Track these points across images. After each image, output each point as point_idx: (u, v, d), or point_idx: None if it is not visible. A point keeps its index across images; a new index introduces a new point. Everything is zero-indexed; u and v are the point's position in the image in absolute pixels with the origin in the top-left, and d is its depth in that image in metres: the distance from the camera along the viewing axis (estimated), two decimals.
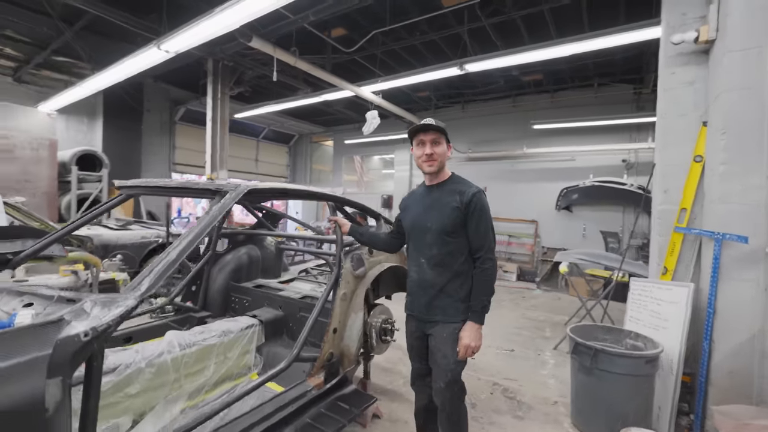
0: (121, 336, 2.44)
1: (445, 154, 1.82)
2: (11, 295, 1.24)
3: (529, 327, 4.86)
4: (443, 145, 1.80)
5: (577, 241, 8.11)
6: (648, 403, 2.34)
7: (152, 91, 9.08)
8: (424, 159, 1.79)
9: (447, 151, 1.83)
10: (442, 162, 1.82)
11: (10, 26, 5.77)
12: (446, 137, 1.81)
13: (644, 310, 2.75)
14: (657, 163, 2.91)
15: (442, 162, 1.82)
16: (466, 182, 1.86)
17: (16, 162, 5.98)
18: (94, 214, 2.25)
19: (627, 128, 7.61)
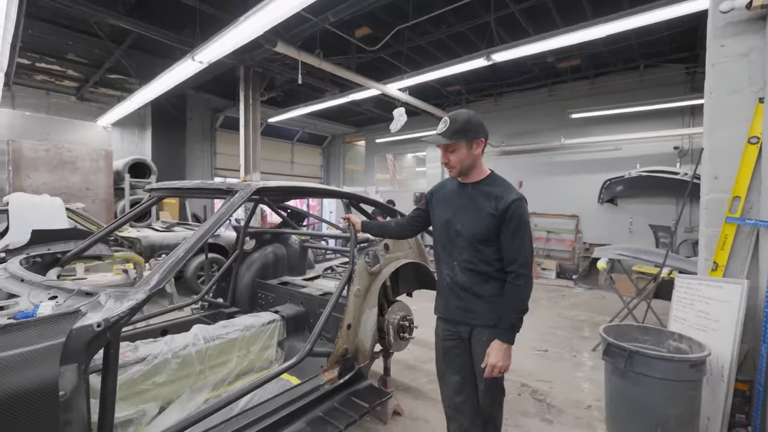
0: (158, 329, 2.62)
1: (465, 159, 1.62)
2: (40, 289, 1.38)
3: (566, 327, 4.60)
4: (460, 150, 1.61)
5: (624, 236, 7.56)
6: (693, 411, 2.12)
7: (194, 101, 9.70)
8: (445, 165, 1.70)
9: (471, 152, 1.62)
10: (464, 167, 1.64)
11: (70, 50, 6.42)
12: (468, 137, 1.60)
13: (691, 309, 2.49)
14: (705, 148, 2.62)
15: (464, 167, 1.64)
16: (505, 185, 1.65)
17: (78, 172, 6.64)
18: (129, 216, 2.44)
19: (679, 112, 6.96)
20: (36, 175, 6.19)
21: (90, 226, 4.72)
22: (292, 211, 3.48)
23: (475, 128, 1.62)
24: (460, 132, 1.60)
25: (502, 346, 1.55)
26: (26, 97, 7.64)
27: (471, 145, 1.62)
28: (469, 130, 1.60)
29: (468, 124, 1.61)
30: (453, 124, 1.61)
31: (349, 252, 2.18)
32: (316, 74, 6.98)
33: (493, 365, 1.55)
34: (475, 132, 1.61)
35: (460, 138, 1.60)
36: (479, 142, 1.63)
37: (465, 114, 1.64)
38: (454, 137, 1.60)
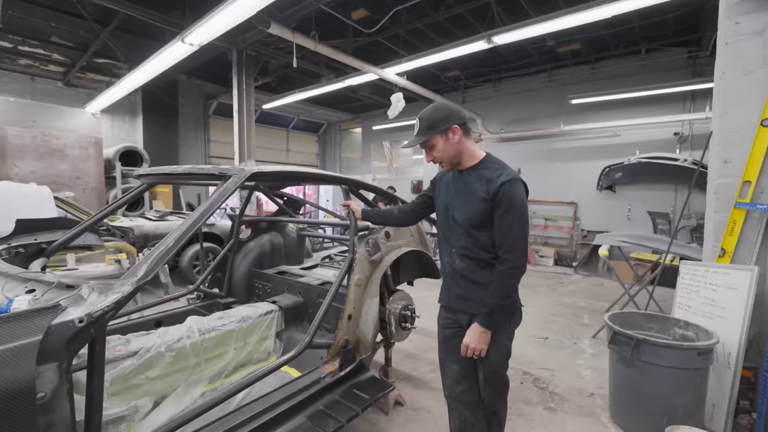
0: (152, 320, 2.54)
1: (447, 150, 1.59)
2: (16, 281, 1.28)
3: (566, 314, 4.59)
4: (437, 144, 1.59)
5: (621, 222, 7.54)
6: (699, 400, 2.09)
7: (186, 86, 9.43)
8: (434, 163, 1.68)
9: (450, 141, 1.57)
10: (450, 158, 1.61)
11: (53, 32, 6.15)
12: (439, 129, 1.55)
13: (696, 296, 2.45)
14: (714, 131, 2.54)
15: (450, 158, 1.61)
16: (498, 166, 1.58)
17: (66, 160, 6.45)
18: (117, 204, 2.33)
19: (680, 97, 6.86)
20: (23, 163, 6.00)
21: (80, 215, 4.59)
22: (288, 198, 3.38)
23: (444, 118, 1.58)
24: (430, 127, 1.58)
25: (478, 328, 1.51)
26: (10, 83, 7.37)
27: (446, 135, 1.58)
28: (437, 121, 1.58)
29: (434, 116, 1.59)
30: (422, 121, 1.60)
31: (348, 240, 2.10)
32: (311, 58, 6.77)
33: (466, 345, 1.53)
34: (445, 121, 1.57)
35: (432, 132, 1.58)
36: (453, 129, 1.58)
37: (430, 108, 1.63)
38: (427, 133, 1.59)
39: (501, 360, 1.63)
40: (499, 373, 1.65)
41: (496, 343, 1.56)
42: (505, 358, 1.65)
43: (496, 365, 1.62)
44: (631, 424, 2.23)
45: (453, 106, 1.64)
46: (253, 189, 2.89)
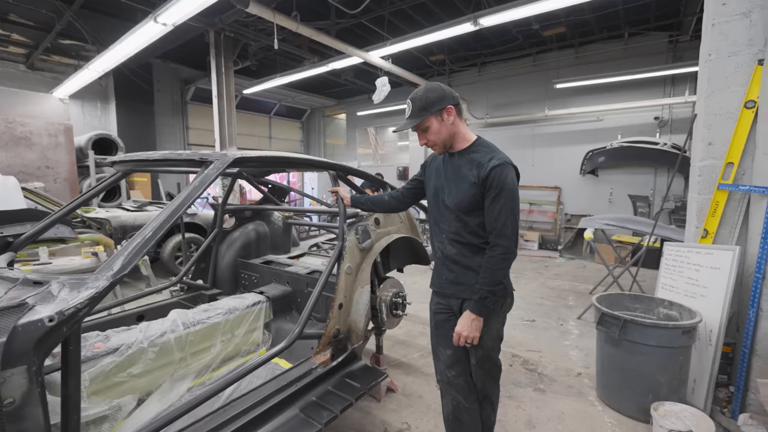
0: (133, 314, 2.44)
1: (441, 131, 1.54)
2: None
3: (552, 296, 4.68)
4: (432, 125, 1.54)
5: (603, 206, 7.70)
6: (683, 376, 2.16)
7: (161, 70, 9.00)
8: (426, 146, 1.61)
9: (444, 122, 1.53)
10: (444, 140, 1.57)
11: (12, 9, 5.71)
12: (434, 109, 1.50)
13: (680, 276, 2.51)
14: (699, 113, 2.57)
15: (444, 140, 1.57)
16: (489, 150, 1.55)
17: (34, 148, 6.09)
18: (90, 194, 2.19)
19: (661, 82, 6.96)
20: None
21: (51, 206, 4.36)
22: (273, 186, 3.28)
23: (438, 98, 1.52)
24: (424, 108, 1.52)
25: (470, 316, 1.49)
26: None
27: (441, 115, 1.54)
28: (432, 101, 1.52)
29: (428, 96, 1.52)
30: (415, 102, 1.54)
31: (337, 228, 2.03)
32: (293, 41, 6.53)
33: (459, 333, 1.51)
34: (439, 101, 1.52)
35: (427, 113, 1.52)
36: (449, 110, 1.54)
37: (422, 89, 1.56)
38: (421, 114, 1.53)
39: (493, 345, 1.63)
40: (491, 357, 1.65)
41: (488, 327, 1.55)
42: (496, 343, 1.65)
43: (488, 350, 1.61)
44: (618, 402, 2.30)
45: (446, 87, 1.56)
46: (236, 176, 2.77)
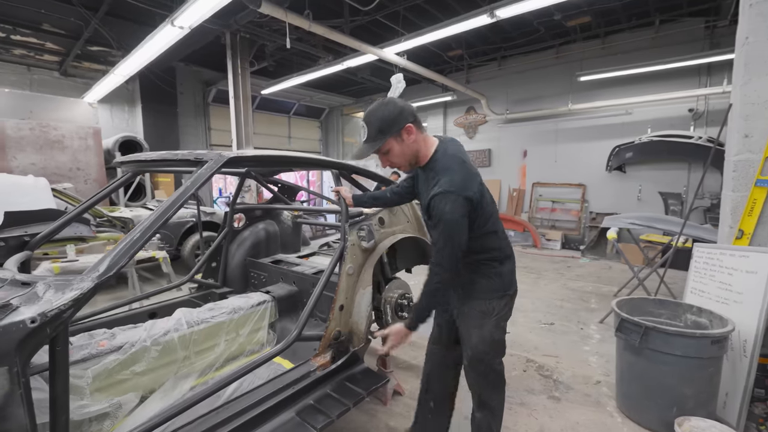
0: (146, 312, 2.50)
1: (405, 152, 1.49)
2: None
3: (573, 299, 4.48)
4: (393, 148, 1.47)
5: (631, 204, 7.33)
6: (712, 389, 1.99)
7: (183, 73, 9.27)
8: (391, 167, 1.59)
9: (405, 142, 1.46)
10: (409, 160, 1.52)
11: (44, 19, 6.01)
12: (392, 131, 1.43)
13: (711, 281, 2.32)
14: (734, 103, 2.36)
15: (409, 160, 1.52)
16: (441, 169, 1.46)
17: (66, 151, 6.41)
18: (103, 194, 2.24)
19: (695, 71, 6.53)
20: (22, 155, 5.97)
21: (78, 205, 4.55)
22: (283, 185, 3.28)
23: (395, 118, 1.43)
24: (381, 131, 1.45)
25: (401, 327, 1.56)
26: (7, 74, 7.28)
27: (400, 136, 1.46)
28: (389, 123, 1.44)
29: (384, 117, 1.44)
30: (371, 125, 1.46)
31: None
32: (308, 40, 6.56)
33: (385, 335, 1.60)
34: (397, 121, 1.44)
35: (385, 136, 1.44)
36: (408, 128, 1.45)
37: (376, 110, 1.47)
38: (379, 138, 1.45)
39: (486, 349, 1.57)
40: (483, 361, 1.59)
41: (481, 330, 1.56)
42: (492, 348, 1.58)
43: (478, 353, 1.58)
44: (638, 414, 2.15)
45: (400, 101, 1.48)
46: (245, 176, 2.79)
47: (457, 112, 9.91)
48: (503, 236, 1.60)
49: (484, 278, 1.57)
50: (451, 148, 1.53)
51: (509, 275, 1.61)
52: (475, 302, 1.58)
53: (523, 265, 6.33)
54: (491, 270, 1.56)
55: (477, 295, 1.58)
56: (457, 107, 9.85)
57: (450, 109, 10.05)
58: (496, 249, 1.57)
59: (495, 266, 1.57)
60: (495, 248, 1.56)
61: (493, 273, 1.56)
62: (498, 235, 1.56)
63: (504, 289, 1.58)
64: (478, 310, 1.57)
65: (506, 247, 1.61)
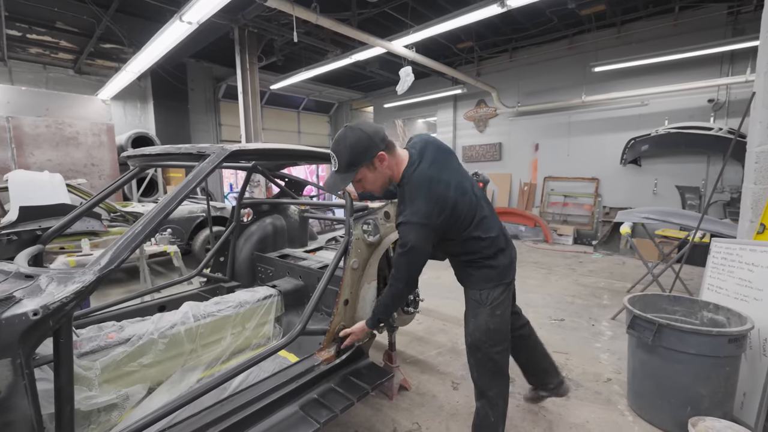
0: (155, 305, 2.54)
1: (378, 179, 1.53)
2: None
3: (584, 295, 4.39)
4: (366, 176, 1.50)
5: (647, 198, 7.13)
6: (729, 389, 1.92)
7: (194, 70, 9.35)
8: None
9: (378, 170, 1.49)
10: (383, 184, 1.57)
11: (57, 17, 6.11)
12: (365, 161, 1.45)
13: (729, 277, 2.23)
14: (757, 91, 2.25)
15: (383, 184, 1.57)
16: (408, 193, 1.48)
17: (81, 148, 6.54)
18: (112, 189, 2.27)
19: (717, 59, 6.27)
20: (39, 152, 6.11)
21: None
22: (290, 180, 3.28)
23: (364, 148, 1.42)
24: (352, 164, 1.43)
25: (363, 324, 1.75)
26: (24, 73, 7.46)
27: (372, 164, 1.45)
28: (359, 154, 1.42)
29: (356, 147, 1.41)
30: (341, 156, 1.45)
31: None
32: (317, 34, 6.52)
33: (348, 332, 1.78)
34: (368, 150, 1.42)
35: (356, 168, 1.44)
36: (380, 156, 1.44)
37: (345, 139, 1.45)
38: (350, 170, 1.44)
39: (481, 337, 1.61)
40: (480, 349, 1.62)
41: (475, 317, 1.63)
42: (487, 336, 1.60)
43: (475, 340, 1.63)
44: (651, 413, 2.09)
45: (368, 127, 1.45)
46: (251, 170, 2.79)
47: (467, 105, 9.77)
48: (491, 236, 1.59)
49: (477, 270, 1.62)
50: (421, 166, 1.50)
51: (504, 266, 1.62)
52: (471, 291, 1.66)
53: (533, 260, 6.24)
54: (482, 264, 1.60)
55: (472, 285, 1.64)
56: (467, 100, 9.71)
57: (460, 102, 9.91)
58: (482, 249, 1.59)
59: (485, 262, 1.60)
60: (480, 249, 1.59)
61: (485, 266, 1.60)
62: (482, 239, 1.57)
63: (499, 279, 1.60)
64: (473, 299, 1.63)
65: (497, 244, 1.60)
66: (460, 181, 1.55)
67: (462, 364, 2.76)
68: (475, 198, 1.58)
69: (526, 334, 2.01)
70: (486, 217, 1.59)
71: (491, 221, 1.61)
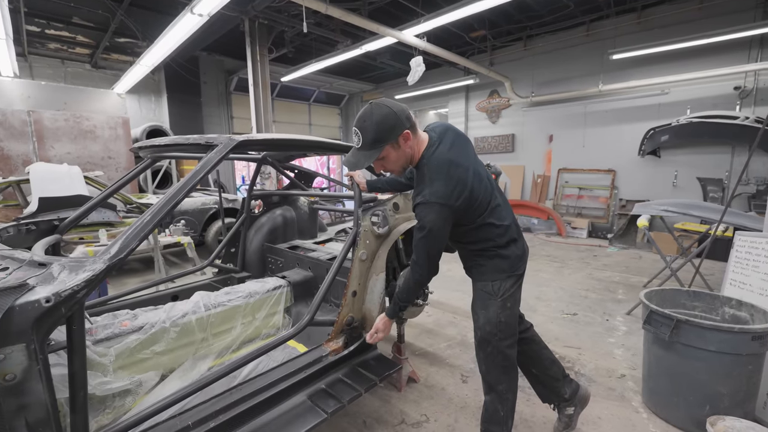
0: (168, 294, 2.58)
1: (400, 158, 1.47)
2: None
3: (598, 289, 4.30)
4: (389, 155, 1.44)
5: (666, 191, 6.92)
6: (751, 388, 1.85)
7: (207, 63, 9.42)
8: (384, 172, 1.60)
9: (403, 149, 1.44)
10: (404, 164, 1.52)
11: (73, 13, 6.21)
12: (391, 137, 1.39)
13: (754, 272, 2.14)
14: None
15: (404, 164, 1.52)
16: (428, 176, 1.44)
17: (98, 141, 6.68)
18: (125, 180, 2.30)
19: (745, 44, 5.98)
20: (59, 145, 6.27)
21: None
22: (299, 171, 3.28)
23: (392, 126, 1.37)
24: (377, 140, 1.39)
25: (383, 317, 1.65)
26: (43, 68, 7.63)
27: (397, 143, 1.41)
28: (385, 132, 1.38)
29: (383, 124, 1.37)
30: (366, 133, 1.39)
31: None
32: (326, 25, 6.47)
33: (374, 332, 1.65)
34: (394, 129, 1.39)
35: (382, 145, 1.39)
36: (405, 135, 1.41)
37: (371, 116, 1.39)
38: (375, 147, 1.40)
39: (492, 330, 1.57)
40: (491, 342, 1.59)
41: (486, 311, 1.58)
42: (495, 328, 1.57)
43: (485, 333, 1.59)
44: (666, 411, 2.04)
45: (395, 105, 1.41)
46: (261, 162, 2.79)
47: (479, 96, 9.59)
48: (504, 224, 1.56)
49: (488, 260, 1.58)
50: (440, 148, 1.47)
51: (515, 257, 1.58)
52: (481, 283, 1.61)
53: (546, 253, 6.13)
54: (494, 253, 1.56)
55: (483, 277, 1.60)
56: (479, 91, 9.53)
57: (472, 93, 9.74)
58: (496, 238, 1.55)
59: (498, 251, 1.56)
60: (493, 237, 1.55)
61: (497, 256, 1.56)
62: (496, 226, 1.54)
63: (510, 270, 1.57)
64: (484, 291, 1.59)
65: (510, 234, 1.57)
66: (477, 168, 1.52)
67: (471, 358, 2.74)
68: (490, 186, 1.56)
69: (529, 337, 1.88)
70: (499, 205, 1.57)
71: (505, 210, 1.59)
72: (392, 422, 2.07)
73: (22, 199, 4.51)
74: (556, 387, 1.88)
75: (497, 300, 1.56)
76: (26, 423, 0.96)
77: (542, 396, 1.94)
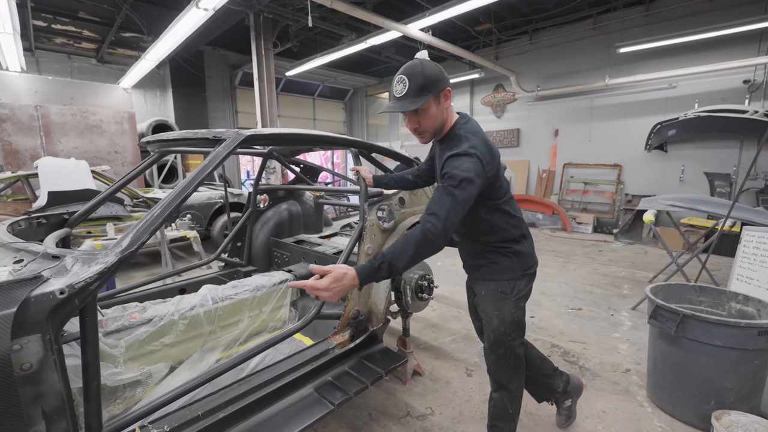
0: (176, 287, 2.62)
1: (437, 117, 1.38)
2: (8, 251, 1.28)
3: (604, 284, 4.29)
4: (430, 109, 1.35)
5: (673, 186, 6.86)
6: (757, 383, 1.85)
7: (211, 57, 9.42)
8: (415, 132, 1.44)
9: (442, 106, 1.38)
10: (437, 127, 1.42)
11: (79, 7, 6.22)
12: (436, 89, 1.33)
13: (761, 267, 2.13)
14: None
15: (437, 127, 1.42)
16: (463, 135, 1.36)
17: (105, 135, 6.72)
18: (132, 175, 2.32)
19: (755, 37, 5.88)
20: (66, 139, 6.32)
21: None
22: (305, 166, 3.29)
23: (438, 77, 1.34)
24: (425, 87, 1.32)
25: (345, 275, 1.11)
26: (50, 63, 7.68)
27: (439, 98, 1.37)
28: (432, 81, 1.32)
29: (429, 74, 1.33)
30: (414, 79, 1.32)
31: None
32: (331, 19, 6.44)
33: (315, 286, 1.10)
34: (440, 81, 1.34)
35: (428, 94, 1.32)
36: (446, 93, 1.38)
37: (421, 64, 1.34)
38: (422, 95, 1.32)
39: (506, 331, 1.54)
40: (504, 343, 1.55)
41: (500, 311, 1.53)
42: (512, 329, 1.54)
43: (499, 335, 1.54)
44: (672, 406, 2.04)
45: (437, 65, 1.39)
46: (267, 156, 2.80)
47: (484, 90, 9.52)
48: (518, 216, 1.55)
49: (503, 258, 1.52)
50: (472, 123, 1.47)
51: (528, 253, 1.57)
52: (494, 283, 1.54)
53: (550, 248, 6.12)
54: (508, 250, 1.52)
55: (496, 276, 1.54)
56: (484, 85, 9.46)
57: (477, 87, 9.67)
58: (510, 228, 1.51)
59: (511, 246, 1.52)
60: (508, 228, 1.51)
61: (511, 252, 1.52)
62: (512, 215, 1.52)
63: (524, 268, 1.54)
64: (498, 291, 1.53)
65: (522, 227, 1.56)
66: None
67: (476, 352, 2.76)
68: (506, 180, 1.56)
69: None
70: (513, 198, 1.56)
71: (516, 204, 1.58)
72: (397, 415, 2.10)
73: (30, 193, 4.56)
74: (548, 383, 1.87)
75: (511, 300, 1.52)
76: (43, 412, 0.99)
77: (537, 396, 1.93)
